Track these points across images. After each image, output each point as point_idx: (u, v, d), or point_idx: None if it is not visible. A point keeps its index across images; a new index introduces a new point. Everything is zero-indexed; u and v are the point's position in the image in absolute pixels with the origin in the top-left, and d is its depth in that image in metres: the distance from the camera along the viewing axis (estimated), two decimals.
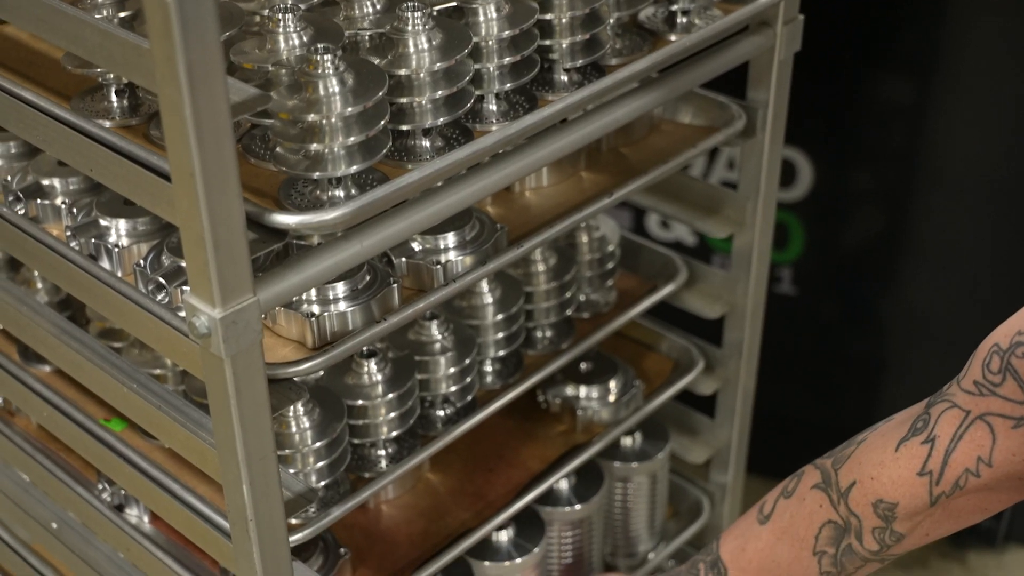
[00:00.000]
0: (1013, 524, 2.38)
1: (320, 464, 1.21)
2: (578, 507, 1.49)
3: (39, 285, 1.40)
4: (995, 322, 2.29)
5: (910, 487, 1.05)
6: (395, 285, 1.12)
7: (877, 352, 2.26)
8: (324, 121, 0.98)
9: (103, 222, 1.17)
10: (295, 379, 1.08)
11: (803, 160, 2.12)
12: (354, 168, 0.99)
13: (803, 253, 2.21)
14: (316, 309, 1.09)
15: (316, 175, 0.99)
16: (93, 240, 1.16)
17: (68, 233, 1.18)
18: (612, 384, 1.51)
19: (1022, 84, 1.94)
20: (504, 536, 1.44)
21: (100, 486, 1.34)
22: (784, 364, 2.24)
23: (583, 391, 1.50)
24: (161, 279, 1.09)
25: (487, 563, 1.41)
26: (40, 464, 1.36)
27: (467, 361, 1.32)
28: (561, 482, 1.49)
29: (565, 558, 1.53)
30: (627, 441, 1.57)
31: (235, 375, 0.95)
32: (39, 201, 1.22)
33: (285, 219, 0.95)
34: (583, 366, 1.53)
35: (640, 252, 1.56)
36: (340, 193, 1.01)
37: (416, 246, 1.17)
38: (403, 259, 1.16)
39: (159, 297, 1.09)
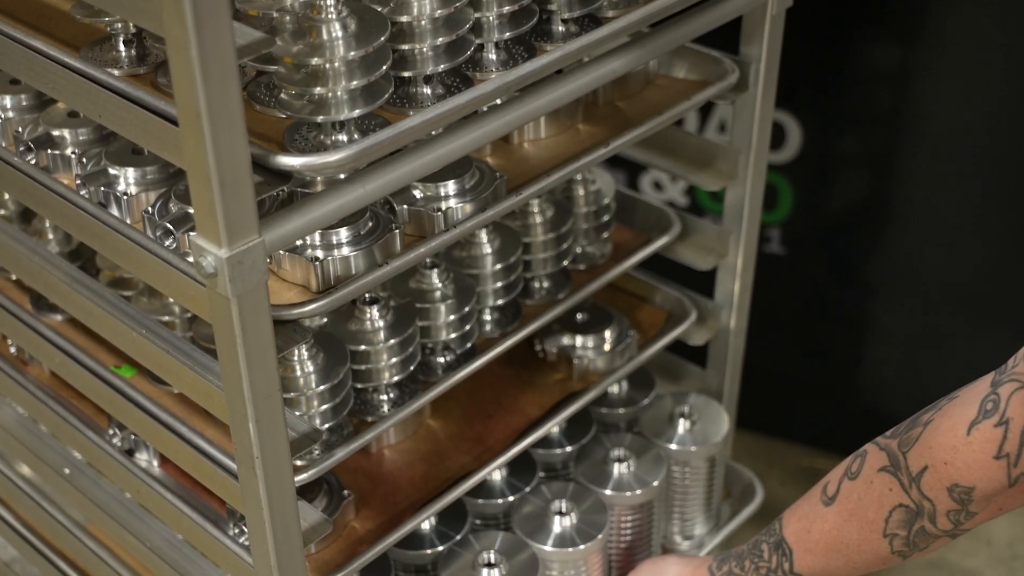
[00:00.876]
0: None
1: (324, 407, 1.20)
2: (639, 492, 1.46)
3: (50, 236, 1.38)
4: (976, 281, 2.30)
5: (986, 471, 1.00)
6: (397, 231, 1.11)
7: (862, 309, 2.25)
8: (327, 65, 0.96)
9: (112, 171, 1.15)
10: (300, 321, 1.07)
11: (792, 123, 2.11)
12: (356, 112, 0.97)
13: (792, 214, 2.19)
14: (320, 254, 1.08)
15: (320, 119, 0.98)
16: (102, 188, 1.15)
17: (78, 182, 1.17)
18: (607, 334, 1.49)
19: (1007, 50, 1.92)
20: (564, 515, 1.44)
21: (111, 431, 1.34)
22: (773, 321, 2.23)
23: (579, 340, 1.49)
24: (169, 225, 1.08)
25: (549, 548, 1.39)
26: (53, 411, 1.35)
27: (466, 309, 1.31)
28: (620, 466, 1.48)
29: (624, 541, 1.51)
30: (683, 425, 1.54)
31: (241, 315, 0.94)
32: (50, 151, 1.21)
33: (289, 161, 0.94)
34: (579, 316, 1.52)
35: (635, 206, 1.55)
36: (343, 137, 1.00)
37: (417, 193, 1.16)
38: (405, 206, 1.15)
39: (167, 243, 1.08)
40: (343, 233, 1.09)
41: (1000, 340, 2.16)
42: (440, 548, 1.40)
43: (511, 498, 1.46)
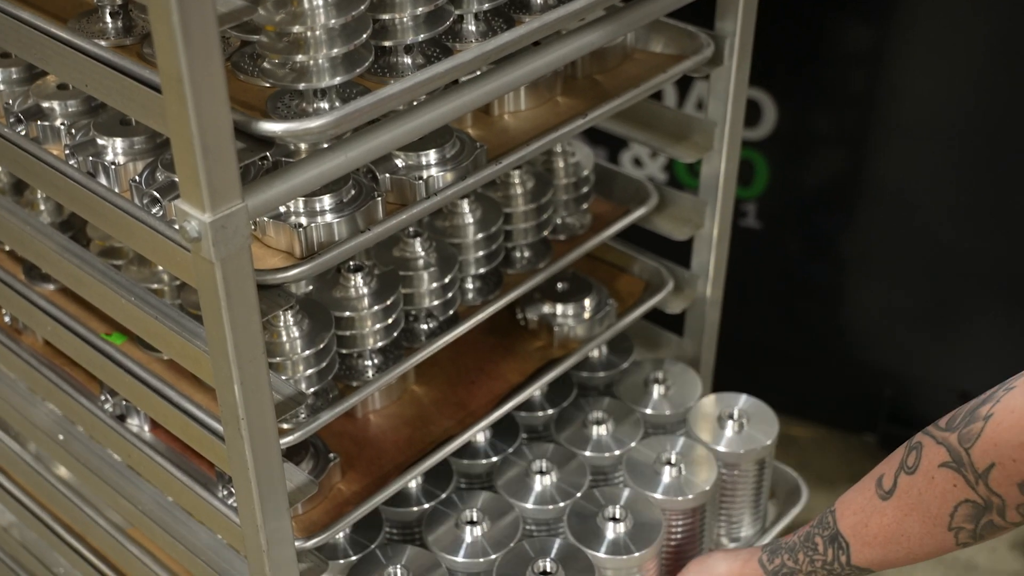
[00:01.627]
0: None
1: (310, 372, 1.19)
2: (690, 496, 1.40)
3: (42, 207, 1.37)
4: (947, 257, 2.30)
5: None
6: (379, 199, 1.09)
7: (836, 283, 2.25)
8: (308, 33, 0.94)
9: (100, 141, 1.14)
10: (284, 286, 1.06)
11: (768, 101, 2.10)
12: (337, 79, 0.96)
13: (767, 189, 2.18)
14: (304, 221, 1.06)
15: (301, 86, 0.96)
16: (91, 158, 1.13)
17: (67, 152, 1.15)
18: (587, 302, 1.48)
19: (980, 33, 1.91)
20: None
21: (103, 397, 1.32)
22: (748, 294, 2.22)
23: (559, 309, 1.48)
24: (156, 193, 1.07)
25: (603, 555, 1.34)
26: (46, 378, 1.34)
27: (449, 277, 1.30)
28: (671, 471, 1.41)
29: (674, 544, 1.45)
30: (732, 428, 1.48)
31: (225, 279, 0.93)
32: (39, 123, 1.19)
33: (271, 127, 0.93)
34: (559, 285, 1.50)
35: (614, 178, 1.53)
36: (325, 105, 0.98)
37: (399, 162, 1.14)
38: (387, 175, 1.13)
39: (154, 210, 1.07)
40: (326, 200, 1.07)
41: (969, 314, 2.17)
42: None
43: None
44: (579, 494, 1.40)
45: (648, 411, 1.52)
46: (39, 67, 1.14)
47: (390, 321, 1.24)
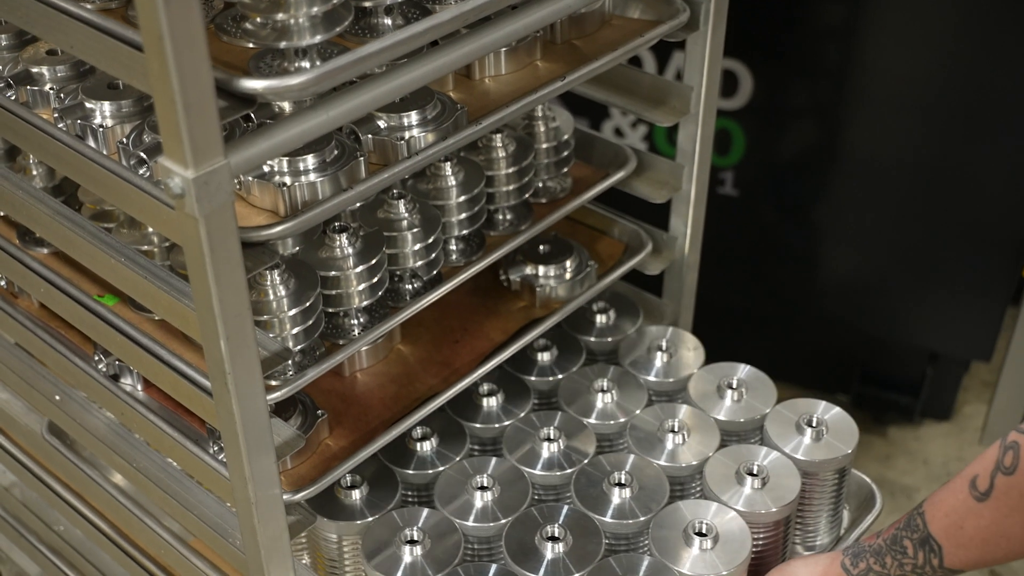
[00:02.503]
0: (928, 402, 2.38)
1: (296, 329, 1.16)
2: (774, 509, 1.28)
3: (34, 172, 1.34)
4: (916, 225, 2.28)
5: None
6: (362, 158, 1.07)
7: (809, 248, 2.23)
8: None
9: (89, 105, 1.12)
10: (269, 244, 1.04)
11: (745, 72, 2.07)
12: (318, 38, 0.93)
13: (744, 158, 2.16)
14: (288, 180, 1.04)
15: (282, 45, 0.94)
16: (79, 121, 1.11)
17: (56, 116, 1.12)
18: (568, 263, 1.46)
19: (949, 8, 1.89)
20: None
21: (96, 357, 1.30)
22: (726, 258, 2.20)
23: (541, 270, 1.45)
24: (142, 154, 1.04)
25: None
26: (42, 340, 1.31)
27: (432, 238, 1.27)
28: (750, 484, 1.30)
29: (756, 556, 1.32)
30: (806, 438, 1.35)
31: (209, 234, 0.91)
32: (29, 87, 1.16)
33: (252, 84, 0.90)
34: (541, 247, 1.48)
35: (593, 143, 1.51)
36: (306, 64, 0.95)
37: (381, 124, 1.12)
38: (369, 136, 1.11)
39: (141, 171, 1.04)
40: (310, 160, 1.05)
41: (937, 279, 2.15)
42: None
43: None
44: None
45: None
46: (26, 30, 1.11)
47: (375, 280, 1.22)
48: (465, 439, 1.39)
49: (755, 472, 1.31)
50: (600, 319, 1.54)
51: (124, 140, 1.06)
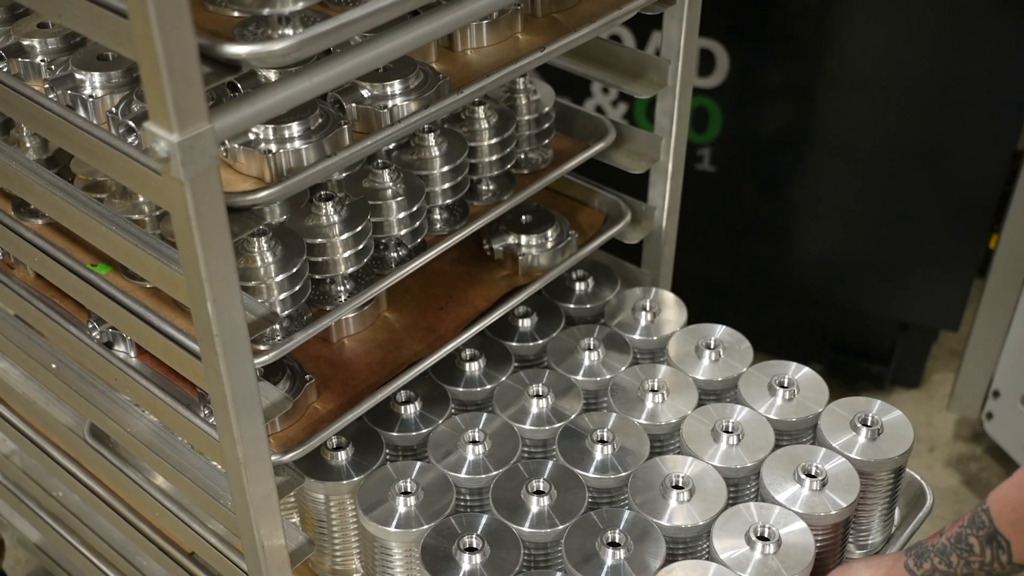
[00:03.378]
0: (898, 370, 2.37)
1: (284, 295, 1.15)
2: (833, 512, 1.22)
3: (28, 144, 1.32)
4: (887, 202, 2.27)
5: None
6: (345, 126, 1.05)
7: (783, 223, 2.22)
8: None
9: (79, 75, 1.09)
10: (254, 210, 1.02)
11: (721, 51, 2.06)
12: (300, 4, 0.91)
13: (720, 135, 2.15)
14: (273, 147, 1.02)
15: (266, 11, 0.91)
16: (70, 92, 1.09)
17: (47, 86, 1.10)
18: (549, 233, 1.44)
19: None
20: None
21: (90, 325, 1.28)
22: (703, 233, 2.19)
23: (523, 239, 1.44)
24: (131, 123, 1.02)
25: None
26: (37, 309, 1.29)
27: (416, 206, 1.25)
28: (812, 482, 1.24)
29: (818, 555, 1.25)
30: (866, 433, 1.29)
31: (194, 198, 0.89)
32: (20, 59, 1.14)
33: (236, 49, 0.88)
34: (523, 217, 1.46)
35: (574, 116, 1.49)
36: (289, 31, 0.93)
37: (365, 93, 1.10)
38: (353, 105, 1.09)
39: (130, 139, 1.02)
40: (295, 128, 1.03)
41: (907, 253, 2.14)
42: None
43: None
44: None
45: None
46: (17, 2, 1.08)
47: (360, 247, 1.20)
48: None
49: (814, 474, 1.25)
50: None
51: (113, 110, 1.04)
